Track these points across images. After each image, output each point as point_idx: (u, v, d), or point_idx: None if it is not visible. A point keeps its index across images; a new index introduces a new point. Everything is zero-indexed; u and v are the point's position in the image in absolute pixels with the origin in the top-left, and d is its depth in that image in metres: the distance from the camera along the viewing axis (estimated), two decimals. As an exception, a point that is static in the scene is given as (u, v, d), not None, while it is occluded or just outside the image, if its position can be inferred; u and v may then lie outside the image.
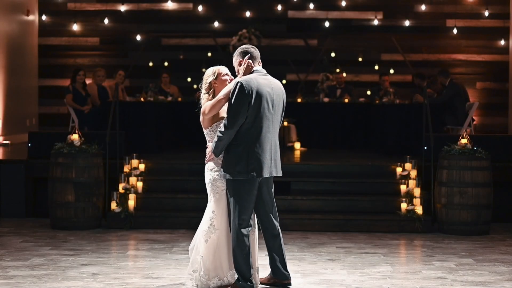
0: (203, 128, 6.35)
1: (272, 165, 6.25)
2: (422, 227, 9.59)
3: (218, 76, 6.34)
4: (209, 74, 6.36)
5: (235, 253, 6.18)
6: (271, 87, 6.24)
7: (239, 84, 6.09)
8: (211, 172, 6.31)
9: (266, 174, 6.20)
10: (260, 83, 6.16)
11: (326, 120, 13.53)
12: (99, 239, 8.99)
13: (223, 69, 6.40)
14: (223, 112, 6.27)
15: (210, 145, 6.27)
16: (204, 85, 6.37)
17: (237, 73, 6.37)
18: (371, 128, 13.30)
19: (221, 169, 6.22)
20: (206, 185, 6.37)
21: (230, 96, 6.11)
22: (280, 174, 6.36)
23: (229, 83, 6.31)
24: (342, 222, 9.70)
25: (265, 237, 6.41)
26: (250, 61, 6.28)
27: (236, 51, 6.40)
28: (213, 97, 6.30)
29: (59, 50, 16.18)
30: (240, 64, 6.33)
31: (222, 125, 6.14)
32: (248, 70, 6.27)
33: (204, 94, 6.35)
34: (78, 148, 9.70)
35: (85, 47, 16.21)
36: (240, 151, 6.13)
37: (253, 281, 6.27)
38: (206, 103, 6.27)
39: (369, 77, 15.79)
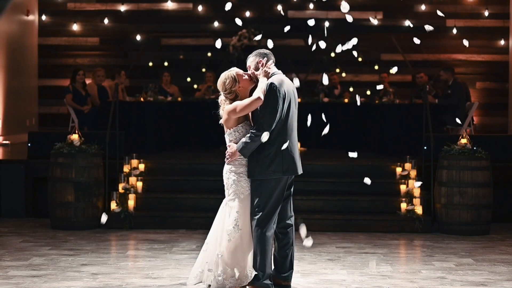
0: (226, 129, 6.31)
1: (299, 163, 6.35)
2: (422, 227, 9.59)
3: (240, 79, 6.31)
4: (230, 82, 6.27)
5: (260, 253, 6.16)
6: (293, 86, 6.37)
7: (272, 86, 6.14)
8: (234, 173, 6.27)
9: (299, 172, 6.31)
10: (286, 84, 6.28)
11: (326, 120, 13.49)
12: (99, 239, 8.99)
13: (238, 70, 6.38)
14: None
15: (233, 146, 6.24)
16: (228, 95, 6.29)
17: (253, 75, 6.36)
18: (371, 128, 13.29)
19: (250, 170, 6.21)
20: (228, 185, 6.31)
21: (264, 97, 6.13)
22: (301, 172, 6.42)
23: (248, 79, 6.33)
24: (342, 222, 9.70)
25: (278, 233, 6.40)
26: (269, 63, 6.33)
27: (254, 52, 6.43)
28: (239, 100, 6.25)
29: (59, 50, 16.18)
30: (258, 65, 6.33)
31: (256, 126, 6.13)
32: (267, 73, 6.31)
33: (226, 101, 6.28)
34: (78, 148, 9.70)
35: (85, 47, 16.21)
36: (274, 150, 6.18)
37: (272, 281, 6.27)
38: (236, 102, 6.22)
39: (369, 77, 15.78)
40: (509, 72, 15.74)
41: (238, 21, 6.50)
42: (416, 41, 6.43)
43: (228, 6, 6.58)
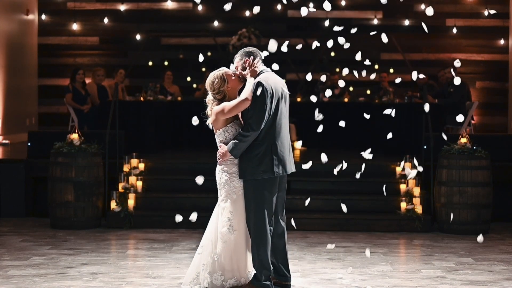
0: (215, 130, 6.27)
1: (291, 161, 6.31)
2: (421, 227, 9.59)
3: (228, 79, 6.26)
4: (219, 82, 6.23)
5: (259, 253, 6.14)
6: (283, 83, 6.33)
7: (260, 85, 6.08)
8: (226, 173, 6.22)
9: (289, 170, 6.26)
10: (275, 82, 6.23)
11: (326, 119, 13.47)
12: (99, 238, 8.99)
13: (227, 69, 6.33)
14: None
15: (223, 146, 6.20)
16: (216, 95, 6.25)
17: (240, 74, 6.29)
18: (371, 127, 13.28)
19: (241, 171, 6.17)
20: (221, 186, 6.26)
21: (252, 97, 6.08)
22: (294, 170, 6.38)
23: (237, 79, 6.27)
24: (342, 222, 9.70)
25: (271, 236, 6.37)
26: (255, 61, 6.28)
27: (240, 52, 6.37)
28: (228, 100, 6.21)
29: (59, 49, 16.18)
30: (244, 65, 6.28)
31: (245, 126, 6.10)
32: (254, 72, 6.26)
33: (214, 101, 6.24)
34: (78, 148, 9.70)
35: (85, 47, 16.21)
36: (264, 150, 6.14)
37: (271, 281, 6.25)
38: (224, 103, 6.17)
39: (369, 77, 15.77)
40: (509, 71, 15.74)
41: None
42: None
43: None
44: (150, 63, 15.99)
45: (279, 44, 6.04)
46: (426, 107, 6.04)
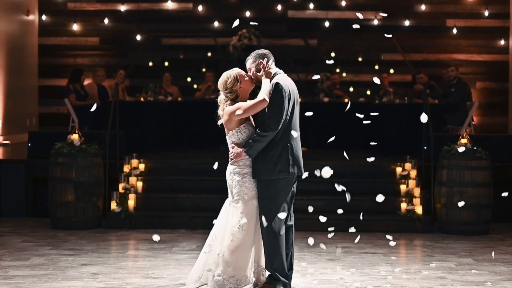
0: (227, 130, 6.26)
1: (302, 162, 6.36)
2: (422, 227, 9.59)
3: (241, 79, 6.28)
4: (232, 81, 6.24)
5: (275, 252, 6.17)
6: (295, 86, 6.37)
7: (279, 86, 6.13)
8: (238, 174, 6.23)
9: (303, 171, 6.32)
10: (290, 83, 6.28)
11: (326, 119, 13.50)
12: (99, 239, 8.99)
13: (240, 70, 6.35)
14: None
15: (236, 147, 6.21)
16: (228, 94, 6.24)
17: (254, 76, 6.32)
18: (371, 127, 13.27)
19: (256, 171, 6.19)
20: (232, 187, 6.26)
21: (270, 97, 6.12)
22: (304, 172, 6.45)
23: (249, 80, 6.31)
24: (342, 222, 9.69)
25: None
26: (269, 63, 6.31)
27: (252, 54, 6.37)
28: (240, 101, 6.23)
29: (59, 50, 16.18)
30: (259, 66, 6.30)
31: (263, 126, 6.11)
32: (269, 75, 6.30)
33: (227, 101, 6.24)
34: (78, 148, 9.70)
35: (85, 47, 16.21)
36: (280, 150, 6.18)
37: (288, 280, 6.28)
38: (239, 103, 6.19)
39: (369, 77, 15.77)
40: (509, 72, 15.74)
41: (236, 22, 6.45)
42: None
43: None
44: (151, 64, 15.99)
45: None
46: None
